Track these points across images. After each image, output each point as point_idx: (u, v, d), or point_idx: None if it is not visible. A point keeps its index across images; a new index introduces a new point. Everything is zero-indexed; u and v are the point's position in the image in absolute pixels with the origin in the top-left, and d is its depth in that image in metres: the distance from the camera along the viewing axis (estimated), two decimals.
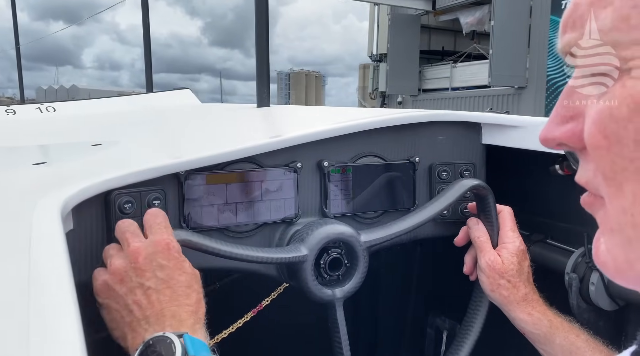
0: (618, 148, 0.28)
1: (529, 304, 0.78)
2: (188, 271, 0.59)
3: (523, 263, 0.80)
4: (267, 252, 0.71)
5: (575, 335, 0.73)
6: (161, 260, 0.58)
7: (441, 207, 0.80)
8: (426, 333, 1.27)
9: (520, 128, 0.88)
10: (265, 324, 0.92)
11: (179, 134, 0.95)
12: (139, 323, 0.55)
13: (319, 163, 0.82)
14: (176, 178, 0.71)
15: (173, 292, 0.56)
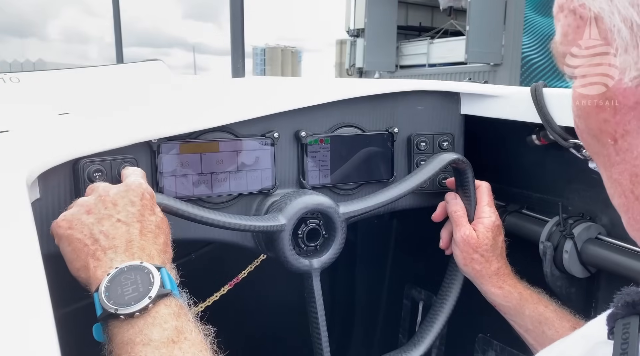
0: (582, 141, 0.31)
1: (500, 278, 0.80)
2: (159, 214, 0.58)
3: (497, 238, 0.81)
4: (245, 219, 0.69)
5: (544, 306, 0.75)
6: (133, 197, 0.56)
7: (420, 180, 0.80)
8: (402, 304, 1.29)
9: (498, 98, 0.88)
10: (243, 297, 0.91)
11: (150, 104, 0.92)
12: (105, 252, 0.52)
13: (297, 133, 0.80)
14: (148, 147, 0.69)
15: (143, 227, 0.55)
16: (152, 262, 0.52)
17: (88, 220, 0.54)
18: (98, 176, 0.63)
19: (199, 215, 0.66)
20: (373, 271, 1.31)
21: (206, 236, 0.75)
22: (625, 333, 0.30)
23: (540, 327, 0.74)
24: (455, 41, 9.72)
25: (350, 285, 1.33)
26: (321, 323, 0.76)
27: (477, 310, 1.05)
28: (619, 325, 0.31)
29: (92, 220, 0.54)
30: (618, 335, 0.31)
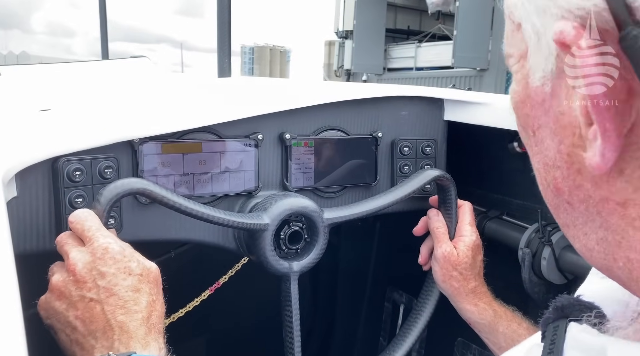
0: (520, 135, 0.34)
1: (477, 296, 0.81)
2: (135, 272, 0.54)
3: (477, 257, 0.83)
4: (229, 214, 0.69)
5: (517, 323, 0.77)
6: (101, 267, 0.53)
7: (405, 193, 0.82)
8: (384, 306, 1.29)
9: (481, 105, 0.89)
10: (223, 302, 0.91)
11: (134, 102, 0.91)
12: (85, 338, 0.51)
13: (281, 135, 0.80)
14: (130, 146, 0.68)
15: (118, 299, 0.52)
16: (130, 341, 0.50)
17: (61, 307, 0.52)
18: (78, 175, 0.62)
19: (184, 205, 0.64)
20: (355, 274, 1.32)
21: (187, 237, 0.75)
22: (553, 335, 0.33)
23: (513, 344, 0.75)
24: (443, 45, 9.81)
25: (332, 287, 1.33)
26: (295, 328, 0.76)
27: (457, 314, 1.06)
28: (550, 328, 0.35)
29: (65, 306, 0.52)
30: (548, 337, 0.34)
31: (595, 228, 0.28)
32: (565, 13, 0.24)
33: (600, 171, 0.25)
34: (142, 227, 0.70)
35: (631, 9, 0.22)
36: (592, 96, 0.24)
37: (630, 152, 0.25)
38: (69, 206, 0.62)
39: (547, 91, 0.27)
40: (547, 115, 0.28)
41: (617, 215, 0.26)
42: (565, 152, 0.27)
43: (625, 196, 0.26)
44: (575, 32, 0.24)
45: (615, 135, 0.24)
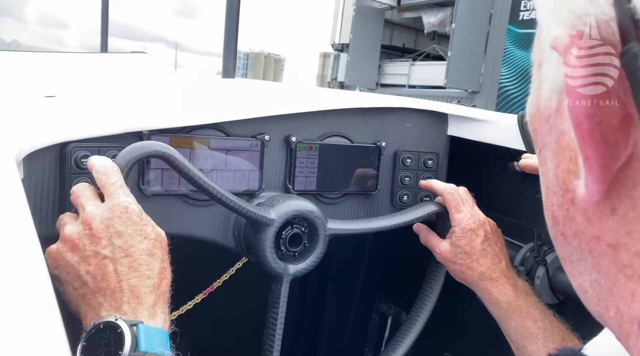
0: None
1: (488, 282, 0.78)
2: (150, 236, 0.53)
3: (474, 242, 0.79)
4: (239, 200, 0.68)
5: (532, 321, 0.74)
6: (118, 225, 0.52)
7: (408, 219, 0.83)
8: (371, 318, 1.29)
9: (485, 122, 0.90)
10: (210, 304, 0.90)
11: (141, 95, 0.91)
12: (94, 295, 0.49)
13: (287, 138, 0.81)
14: (138, 137, 0.68)
15: (133, 261, 0.51)
16: (139, 307, 0.49)
17: (73, 259, 0.51)
18: (86, 162, 0.61)
19: (202, 179, 0.62)
20: (344, 283, 1.32)
21: (188, 232, 0.74)
22: None
23: (523, 341, 0.74)
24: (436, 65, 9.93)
25: (320, 295, 1.33)
26: (278, 330, 0.75)
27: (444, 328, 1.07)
28: None
29: (77, 259, 0.51)
30: None
31: (589, 268, 0.25)
32: (575, 19, 0.21)
33: (587, 204, 0.22)
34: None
35: (638, 21, 0.19)
36: (575, 116, 0.21)
37: (624, 188, 0.21)
38: None
39: (553, 106, 0.24)
40: (550, 133, 0.25)
41: (608, 259, 0.23)
42: (561, 177, 0.24)
43: (616, 238, 0.22)
44: (569, 41, 0.21)
45: (599, 165, 0.21)
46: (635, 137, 0.20)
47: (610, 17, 0.20)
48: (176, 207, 0.72)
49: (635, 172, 0.21)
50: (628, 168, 0.21)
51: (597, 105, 0.20)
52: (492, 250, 0.80)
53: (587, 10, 0.21)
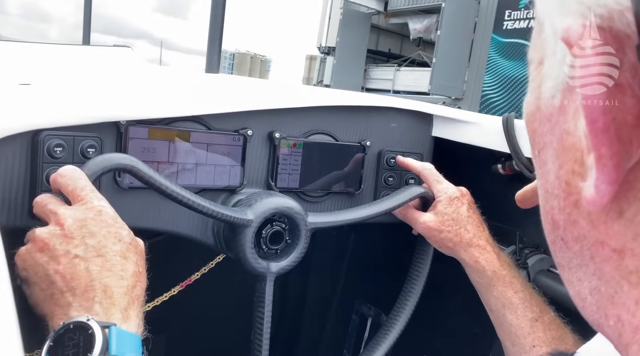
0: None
1: (476, 249, 0.78)
2: (125, 240, 0.51)
3: (460, 209, 0.80)
4: (213, 204, 0.67)
5: (513, 291, 0.75)
6: (92, 226, 0.49)
7: (389, 207, 0.82)
8: (351, 319, 1.28)
9: (470, 124, 0.90)
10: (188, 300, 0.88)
11: (120, 86, 0.88)
12: (62, 294, 0.47)
13: (270, 134, 0.79)
14: (115, 127, 0.66)
15: (106, 261, 0.48)
16: (111, 308, 0.47)
17: (42, 259, 0.48)
18: (59, 151, 0.59)
19: (170, 189, 0.61)
20: (325, 283, 1.30)
21: (166, 227, 0.72)
22: None
23: (503, 310, 0.74)
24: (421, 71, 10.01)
25: (300, 295, 1.31)
26: (265, 330, 0.74)
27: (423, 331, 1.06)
28: None
29: (46, 259, 0.48)
30: None
31: (589, 275, 0.24)
32: (586, 10, 0.20)
33: (594, 206, 0.21)
34: (119, 212, 0.67)
35: None
36: (589, 113, 0.20)
37: (634, 190, 0.20)
38: (45, 182, 0.59)
39: (555, 104, 0.23)
40: (552, 133, 0.24)
41: (611, 264, 0.22)
42: (564, 178, 0.23)
43: (622, 243, 0.21)
44: (582, 31, 0.19)
45: (612, 164, 0.20)
46: None
47: (625, 6, 0.18)
48: (153, 201, 0.70)
49: None
50: (639, 169, 0.20)
51: (612, 101, 0.19)
52: (477, 218, 0.81)
53: (599, 0, 0.19)
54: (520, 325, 0.72)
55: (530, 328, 0.72)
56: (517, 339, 0.72)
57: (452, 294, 1.06)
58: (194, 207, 0.64)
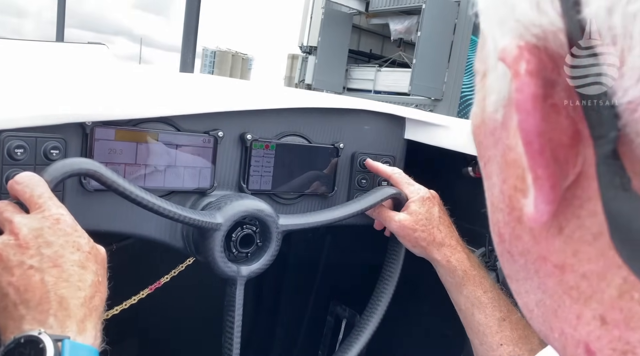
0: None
1: (447, 249, 0.79)
2: (84, 249, 0.50)
3: (432, 209, 0.82)
4: (180, 209, 0.66)
5: (482, 291, 0.76)
6: (49, 236, 0.48)
7: (361, 207, 0.82)
8: (326, 320, 1.28)
9: (441, 127, 0.91)
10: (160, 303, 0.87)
11: (89, 86, 0.87)
12: (16, 307, 0.45)
13: (242, 135, 0.79)
14: (81, 128, 0.64)
15: (62, 271, 0.47)
16: (67, 321, 0.45)
17: None
18: (20, 153, 0.58)
19: (134, 194, 0.60)
20: (301, 285, 1.30)
21: (133, 230, 0.71)
22: None
23: (472, 309, 0.75)
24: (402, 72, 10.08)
25: (275, 296, 1.31)
26: (235, 335, 0.73)
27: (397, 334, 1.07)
28: None
29: None
30: None
31: (535, 288, 0.24)
32: (522, 29, 0.20)
33: (535, 224, 0.21)
34: (85, 215, 0.66)
35: (587, 33, 0.18)
36: (525, 135, 0.19)
37: (572, 207, 0.20)
38: (5, 185, 0.57)
39: (498, 119, 0.23)
40: (496, 147, 0.24)
41: (554, 279, 0.22)
42: (507, 193, 0.23)
43: (563, 259, 0.21)
44: (518, 53, 0.19)
45: (549, 185, 0.20)
46: (584, 154, 0.19)
47: (558, 27, 0.18)
48: (121, 204, 0.68)
49: (583, 190, 0.20)
50: (576, 187, 0.20)
51: (548, 122, 0.19)
52: (447, 219, 0.83)
53: (534, 20, 0.19)
54: (488, 323, 0.74)
55: (498, 327, 0.73)
56: (485, 338, 0.73)
57: (425, 296, 1.07)
58: (159, 211, 0.63)
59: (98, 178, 0.58)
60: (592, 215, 0.20)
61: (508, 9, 0.20)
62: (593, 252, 0.20)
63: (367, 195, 0.84)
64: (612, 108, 0.17)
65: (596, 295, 0.21)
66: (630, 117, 0.17)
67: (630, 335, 0.20)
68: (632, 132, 0.17)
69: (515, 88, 0.19)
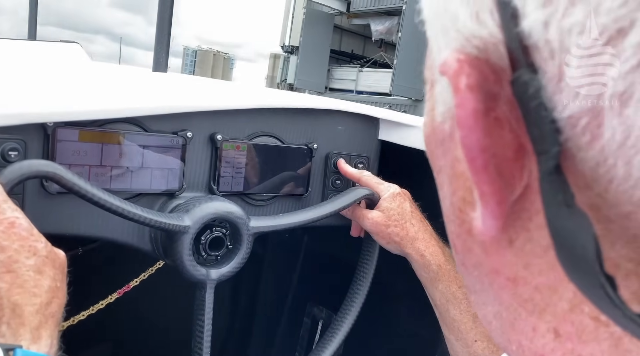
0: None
1: (421, 242, 0.79)
2: (41, 253, 0.48)
3: (403, 204, 0.82)
4: (146, 212, 0.64)
5: (457, 286, 0.76)
6: (2, 240, 0.46)
7: (334, 209, 0.81)
8: (303, 321, 1.27)
9: (415, 128, 0.91)
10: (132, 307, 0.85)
11: (55, 85, 0.84)
12: None
13: (212, 136, 0.77)
14: (42, 129, 0.62)
15: (17, 277, 0.45)
16: (20, 328, 0.44)
17: None
18: None
19: (97, 196, 0.58)
20: (277, 286, 1.29)
21: (98, 234, 0.69)
22: None
23: (447, 304, 0.75)
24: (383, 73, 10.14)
25: (252, 298, 1.30)
26: (205, 339, 0.72)
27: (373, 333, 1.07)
28: None
29: None
30: None
31: (491, 300, 0.23)
32: (464, 40, 0.19)
33: (484, 237, 0.21)
34: (47, 219, 0.64)
35: (526, 46, 0.17)
36: (468, 151, 0.19)
37: (520, 220, 0.20)
38: None
39: (446, 130, 0.22)
40: (445, 158, 0.23)
41: (508, 292, 0.22)
42: (457, 205, 0.23)
43: (515, 272, 0.21)
44: (458, 67, 0.18)
45: (495, 201, 0.19)
46: (530, 168, 0.19)
47: (498, 39, 0.18)
48: (85, 206, 0.66)
49: (530, 203, 0.19)
50: (524, 200, 0.20)
51: (491, 137, 0.18)
52: (419, 213, 0.83)
53: (474, 31, 0.18)
54: (463, 320, 0.74)
55: (472, 323, 0.73)
56: (460, 334, 0.74)
57: (400, 296, 1.07)
58: (124, 214, 0.61)
59: (58, 181, 0.56)
60: (540, 228, 0.19)
61: (449, 19, 0.20)
62: (544, 265, 0.20)
63: (340, 196, 0.84)
64: (553, 123, 0.17)
65: (549, 308, 0.20)
66: (572, 131, 0.17)
67: (582, 348, 0.20)
68: (573, 146, 0.17)
69: (456, 103, 0.19)
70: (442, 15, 0.21)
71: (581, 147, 0.17)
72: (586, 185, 0.17)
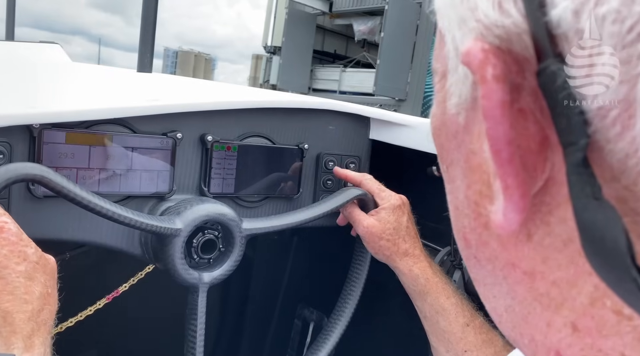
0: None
1: (410, 259, 0.79)
2: (31, 259, 0.47)
3: (401, 219, 0.81)
4: (137, 214, 0.62)
5: (445, 297, 0.76)
6: None
7: (326, 210, 0.81)
8: (293, 323, 1.27)
9: (406, 127, 0.91)
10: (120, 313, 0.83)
11: (39, 86, 0.82)
12: None
13: (202, 136, 0.76)
14: (28, 131, 0.60)
15: (6, 284, 0.44)
16: (12, 337, 0.43)
17: None
18: None
19: (86, 199, 0.57)
20: (267, 288, 1.28)
21: (87, 238, 0.67)
22: None
23: (436, 316, 0.75)
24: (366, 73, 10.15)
25: (242, 301, 1.28)
26: (198, 343, 0.71)
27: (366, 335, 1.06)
28: None
29: None
30: None
31: (504, 293, 0.23)
32: (484, 30, 0.18)
33: (503, 232, 0.20)
34: (34, 223, 0.62)
35: (553, 36, 0.16)
36: (494, 143, 0.18)
37: (540, 214, 0.20)
38: None
39: (461, 122, 0.22)
40: (459, 151, 0.23)
41: (524, 286, 0.22)
42: (473, 199, 0.22)
43: (532, 266, 0.21)
44: (483, 57, 0.18)
45: (519, 194, 0.19)
46: (553, 160, 0.19)
47: (523, 29, 0.17)
48: (72, 210, 0.65)
49: (551, 197, 0.19)
50: (544, 193, 0.19)
51: (515, 129, 0.18)
52: (413, 229, 0.83)
53: (496, 21, 0.18)
54: (452, 330, 0.74)
55: (461, 333, 0.73)
56: (450, 345, 0.74)
57: (392, 296, 1.07)
58: (113, 217, 0.60)
59: (46, 184, 0.54)
60: (561, 221, 0.19)
61: (468, 8, 0.19)
62: (563, 259, 0.20)
63: (332, 196, 0.83)
64: (581, 115, 0.16)
65: (567, 303, 0.20)
66: (601, 123, 0.16)
67: (603, 342, 0.19)
68: (602, 138, 0.16)
69: (482, 95, 0.18)
70: (459, 5, 0.20)
71: (610, 138, 0.16)
72: (613, 178, 0.17)
